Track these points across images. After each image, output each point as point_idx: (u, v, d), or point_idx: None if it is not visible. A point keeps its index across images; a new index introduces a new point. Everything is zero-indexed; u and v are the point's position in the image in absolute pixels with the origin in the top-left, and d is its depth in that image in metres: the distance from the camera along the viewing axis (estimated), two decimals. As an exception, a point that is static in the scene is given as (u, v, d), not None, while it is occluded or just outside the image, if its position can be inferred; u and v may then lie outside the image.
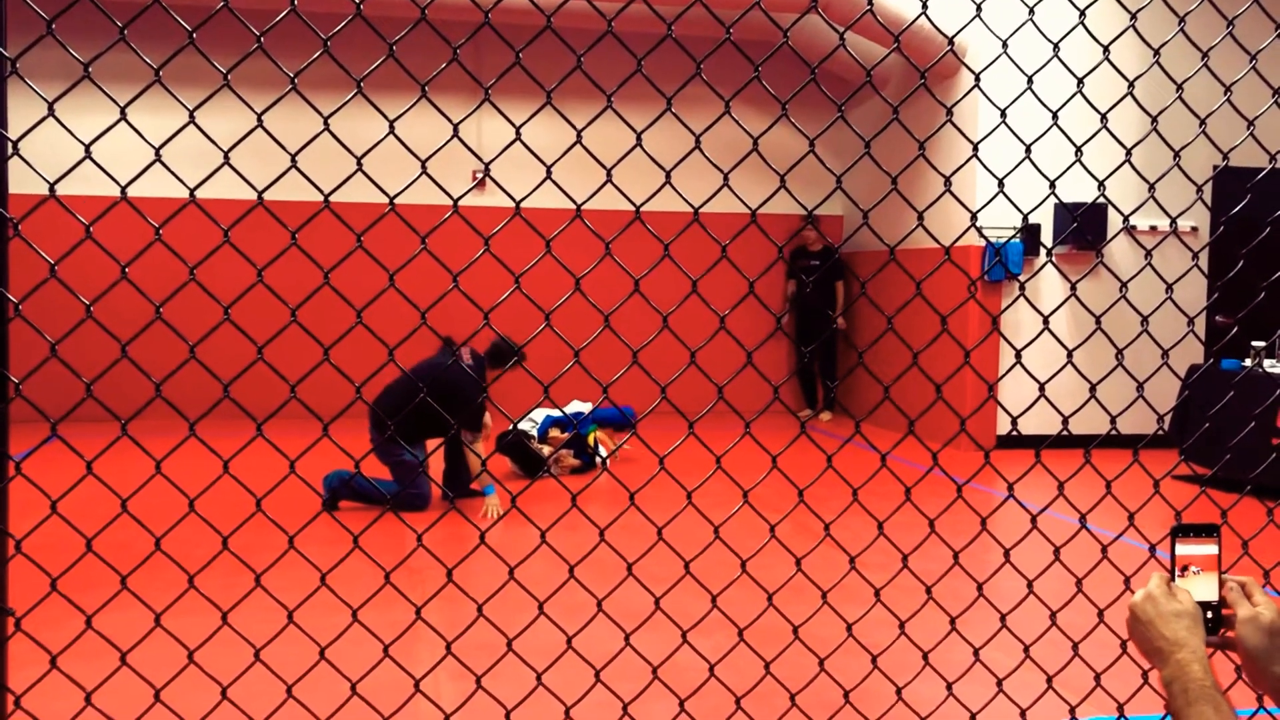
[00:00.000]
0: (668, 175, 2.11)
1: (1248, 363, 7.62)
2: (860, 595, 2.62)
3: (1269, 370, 7.47)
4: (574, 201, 2.13)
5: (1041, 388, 2.45)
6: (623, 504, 2.25)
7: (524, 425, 8.39)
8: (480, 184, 10.86)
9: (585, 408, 8.64)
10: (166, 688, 2.17)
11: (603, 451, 8.58)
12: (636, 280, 2.16)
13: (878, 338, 2.32)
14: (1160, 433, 2.45)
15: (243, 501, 2.19)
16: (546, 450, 8.20)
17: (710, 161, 2.02)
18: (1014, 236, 3.46)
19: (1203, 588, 1.66)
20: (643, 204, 2.15)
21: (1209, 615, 1.64)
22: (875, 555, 2.65)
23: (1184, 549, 1.68)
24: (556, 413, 8.34)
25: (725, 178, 2.16)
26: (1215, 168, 9.22)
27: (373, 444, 6.79)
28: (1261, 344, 7.71)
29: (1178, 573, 1.67)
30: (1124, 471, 2.59)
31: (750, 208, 2.22)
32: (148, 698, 2.13)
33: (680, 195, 2.29)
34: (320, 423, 2.12)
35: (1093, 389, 2.46)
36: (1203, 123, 2.36)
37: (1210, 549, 1.69)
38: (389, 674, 2.44)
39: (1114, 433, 2.44)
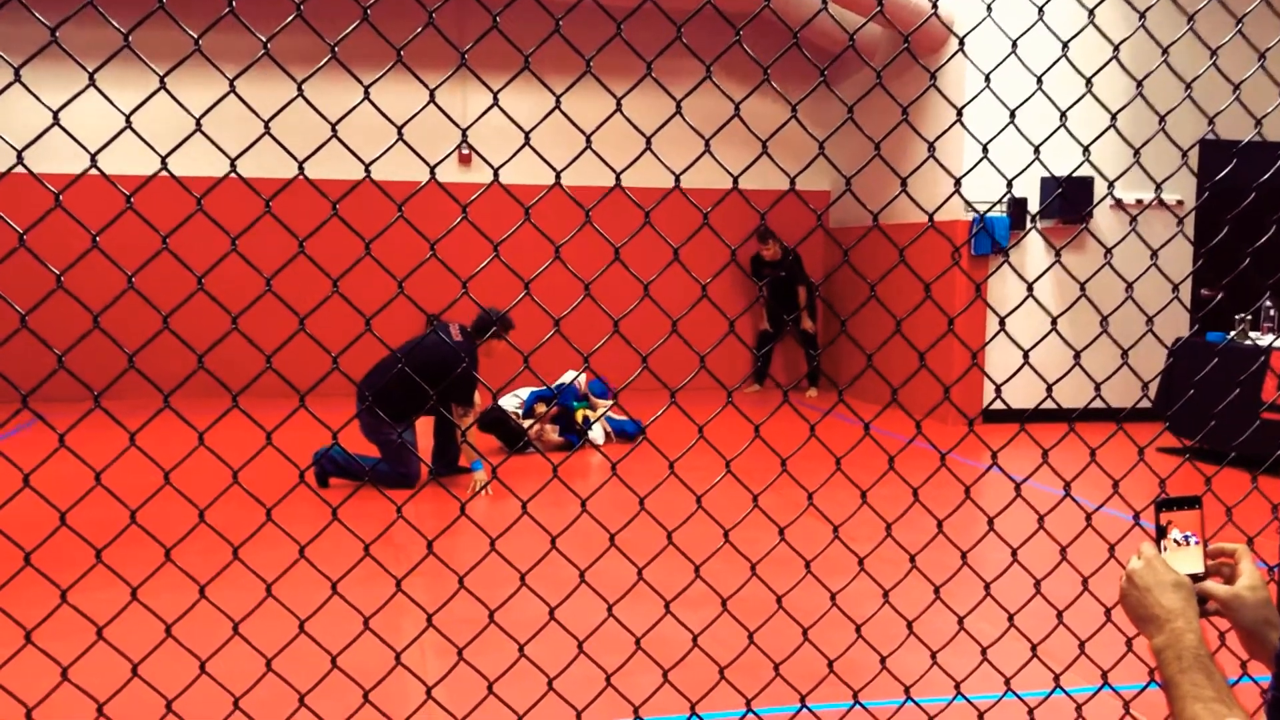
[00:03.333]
0: (648, 141, 2.08)
1: (1233, 335, 7.64)
2: (844, 566, 2.61)
3: (1253, 341, 7.49)
4: (553, 168, 2.10)
5: (1025, 356, 2.44)
6: (607, 476, 2.23)
7: (509, 402, 8.35)
8: (465, 158, 10.80)
9: (581, 379, 8.58)
10: (143, 662, 2.15)
11: (596, 430, 8.50)
12: (617, 249, 2.13)
13: (860, 306, 2.30)
14: (1145, 404, 2.45)
15: (221, 476, 2.16)
16: (530, 424, 8.16)
17: (692, 128, 1.99)
18: (996, 205, 3.44)
19: (1187, 560, 1.66)
20: (622, 170, 2.12)
21: None
22: (859, 526, 2.63)
23: (1168, 520, 1.68)
24: (543, 388, 8.31)
25: (706, 144, 2.14)
26: (1200, 141, 9.22)
27: (361, 423, 6.76)
28: (1245, 316, 7.73)
29: (1162, 545, 1.67)
30: (1106, 441, 2.58)
31: (732, 174, 2.20)
32: (125, 673, 2.11)
33: (662, 163, 2.26)
34: (297, 394, 2.09)
35: (1077, 356, 2.45)
36: (1188, 87, 2.34)
37: (1193, 521, 1.68)
38: (371, 648, 2.42)
39: (1099, 405, 2.43)
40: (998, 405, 9.29)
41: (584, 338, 4.34)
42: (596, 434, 8.63)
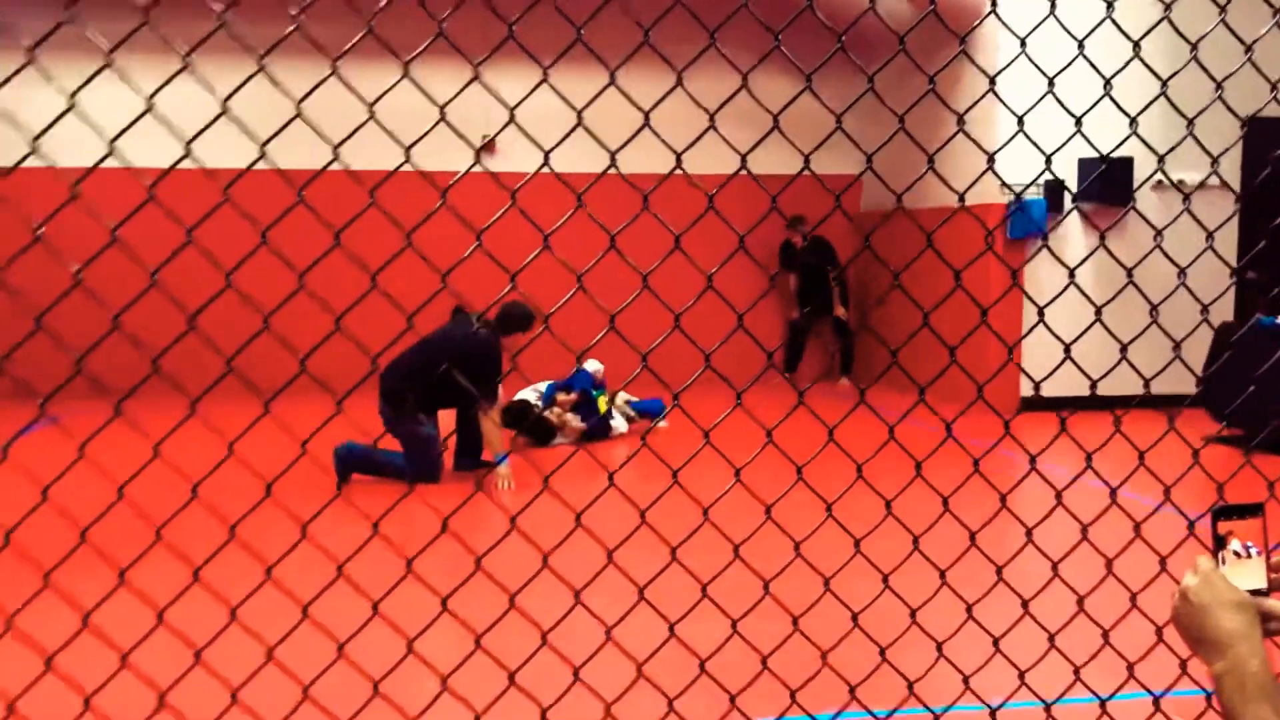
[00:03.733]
0: (646, 117, 1.88)
1: (1281, 320, 7.33)
2: (869, 577, 2.41)
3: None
4: (608, 150, 1.91)
5: (1067, 350, 2.23)
6: (634, 450, 2.09)
7: (529, 395, 8.19)
8: (489, 147, 10.63)
9: (597, 367, 8.40)
10: (134, 650, 2.00)
11: (617, 420, 8.35)
12: (612, 236, 1.94)
13: (887, 289, 2.10)
14: (1195, 394, 2.23)
15: (245, 480, 2.01)
16: (553, 414, 7.99)
17: (697, 103, 1.79)
18: (1032, 186, 3.19)
19: (1248, 574, 1.46)
20: (617, 150, 1.92)
21: None
22: (883, 540, 2.43)
23: (1227, 530, 1.48)
24: (562, 380, 8.15)
25: (711, 119, 1.94)
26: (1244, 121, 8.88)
27: (383, 417, 6.60)
28: (1295, 300, 7.42)
29: (1220, 557, 1.47)
30: (1159, 440, 2.36)
31: (740, 152, 2.00)
32: (114, 662, 1.98)
33: (667, 145, 2.07)
34: (332, 395, 1.92)
35: (1124, 350, 2.24)
36: (1249, 49, 2.11)
37: (1255, 531, 1.48)
38: (382, 636, 2.24)
39: (1146, 394, 2.23)
40: (1033, 394, 9.04)
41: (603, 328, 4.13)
42: (619, 424, 8.50)
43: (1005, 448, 2.15)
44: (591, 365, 8.43)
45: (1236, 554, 1.48)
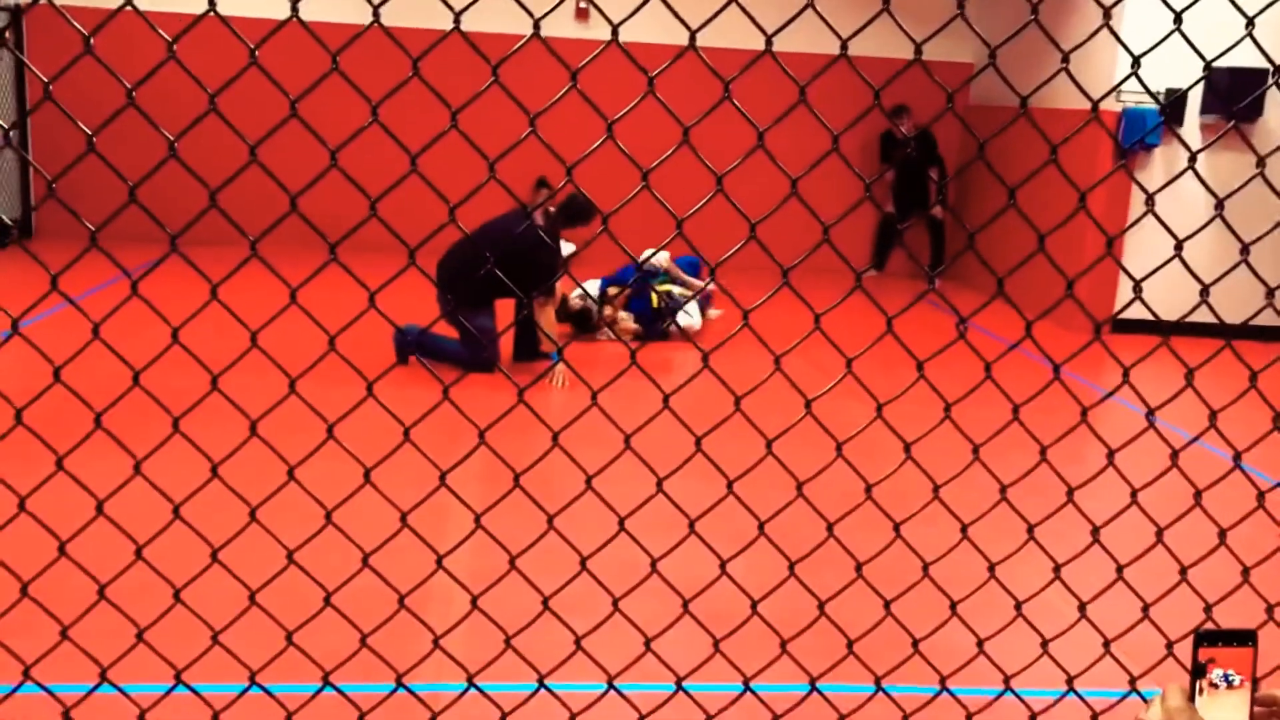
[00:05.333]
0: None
1: None
2: (913, 504, 2.25)
3: None
4: (687, 26, 1.73)
5: (1179, 245, 2.00)
6: (695, 370, 1.95)
7: (577, 293, 7.97)
8: (582, 13, 10.31)
9: (662, 257, 8.01)
10: (149, 545, 1.95)
11: (691, 311, 8.02)
12: (686, 129, 1.77)
13: (1000, 211, 1.90)
14: (1269, 303, 2.01)
15: (305, 337, 1.91)
16: (609, 311, 7.79)
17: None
18: (1156, 101, 2.93)
19: (1226, 709, 1.28)
20: (698, 29, 1.74)
21: None
22: (939, 455, 2.26)
23: (1209, 658, 1.31)
24: (615, 274, 7.93)
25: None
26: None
27: (440, 305, 6.54)
28: None
29: (1200, 686, 1.30)
30: (1268, 366, 2.15)
31: (841, 37, 1.80)
32: (128, 554, 1.93)
33: (757, 25, 1.87)
34: (407, 248, 1.80)
35: (1245, 248, 2.00)
36: None
37: (1242, 660, 1.31)
38: (411, 550, 2.17)
39: (1260, 321, 2.01)
40: (1133, 315, 8.66)
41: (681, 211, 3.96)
42: (690, 318, 8.04)
43: (1089, 374, 1.97)
44: (648, 254, 8.13)
45: (1215, 684, 1.30)
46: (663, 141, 3.85)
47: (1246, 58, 8.46)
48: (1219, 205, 1.99)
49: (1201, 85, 8.55)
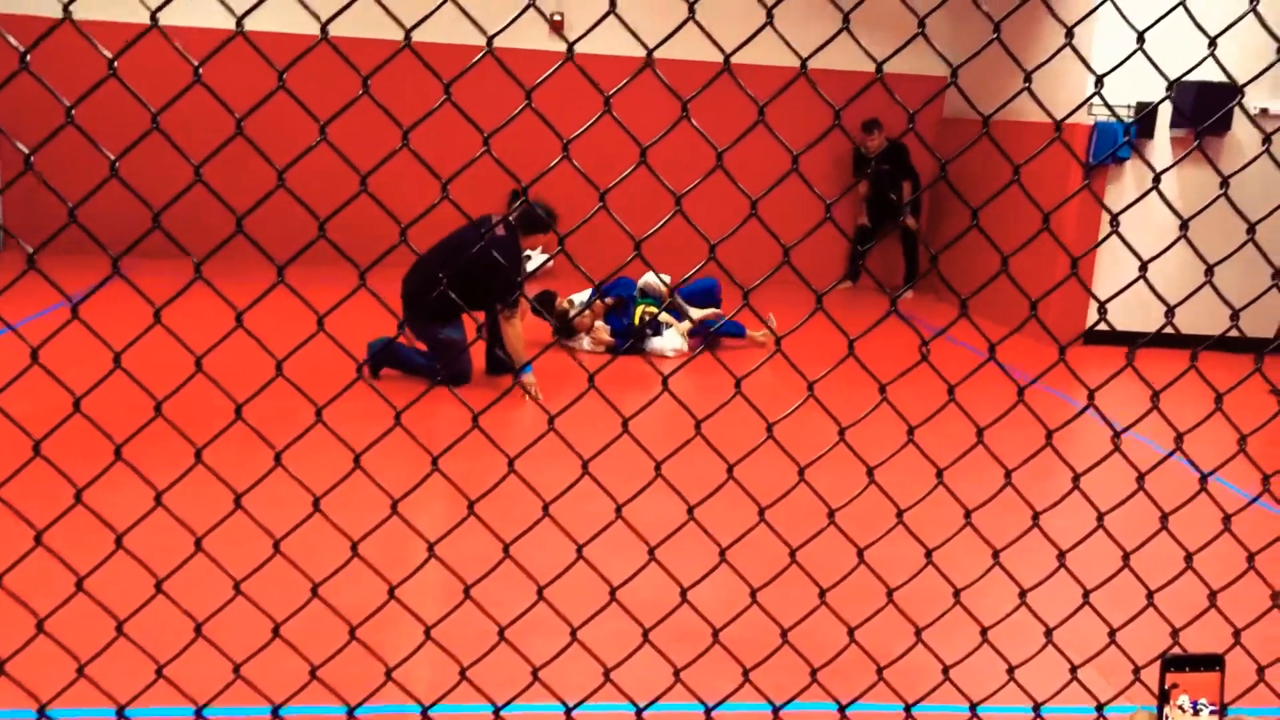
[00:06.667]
0: (691, 9, 1.66)
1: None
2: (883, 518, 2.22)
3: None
4: (644, 45, 1.70)
5: (1143, 266, 1.99)
6: (654, 394, 1.91)
7: (566, 302, 7.89)
8: (557, 25, 10.26)
9: (656, 280, 7.87)
10: (128, 532, 1.88)
11: (668, 337, 7.80)
12: (644, 149, 1.73)
13: (963, 231, 1.88)
14: (1233, 324, 1.99)
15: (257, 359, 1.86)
16: (587, 316, 7.73)
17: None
18: (1118, 113, 2.96)
19: None
20: (655, 47, 1.70)
21: None
22: (908, 473, 2.24)
23: (1174, 683, 1.29)
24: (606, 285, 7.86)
25: (769, 14, 1.71)
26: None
27: (406, 321, 6.46)
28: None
29: (1164, 713, 1.28)
30: (1233, 388, 2.13)
31: (801, 57, 1.77)
32: (108, 544, 1.87)
33: (714, 43, 1.84)
34: (357, 269, 1.75)
35: (1209, 269, 1.99)
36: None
37: (1209, 686, 1.29)
38: (364, 580, 2.12)
39: (1221, 333, 2.00)
40: (1103, 326, 8.68)
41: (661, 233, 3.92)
42: (666, 341, 7.72)
43: (1060, 386, 1.94)
44: (653, 279, 7.90)
45: (1183, 709, 1.28)
46: (626, 155, 3.81)
47: (1215, 72, 8.51)
48: (1183, 226, 1.98)
49: (1172, 99, 8.60)
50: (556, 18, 10.21)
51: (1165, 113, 8.65)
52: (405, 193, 3.70)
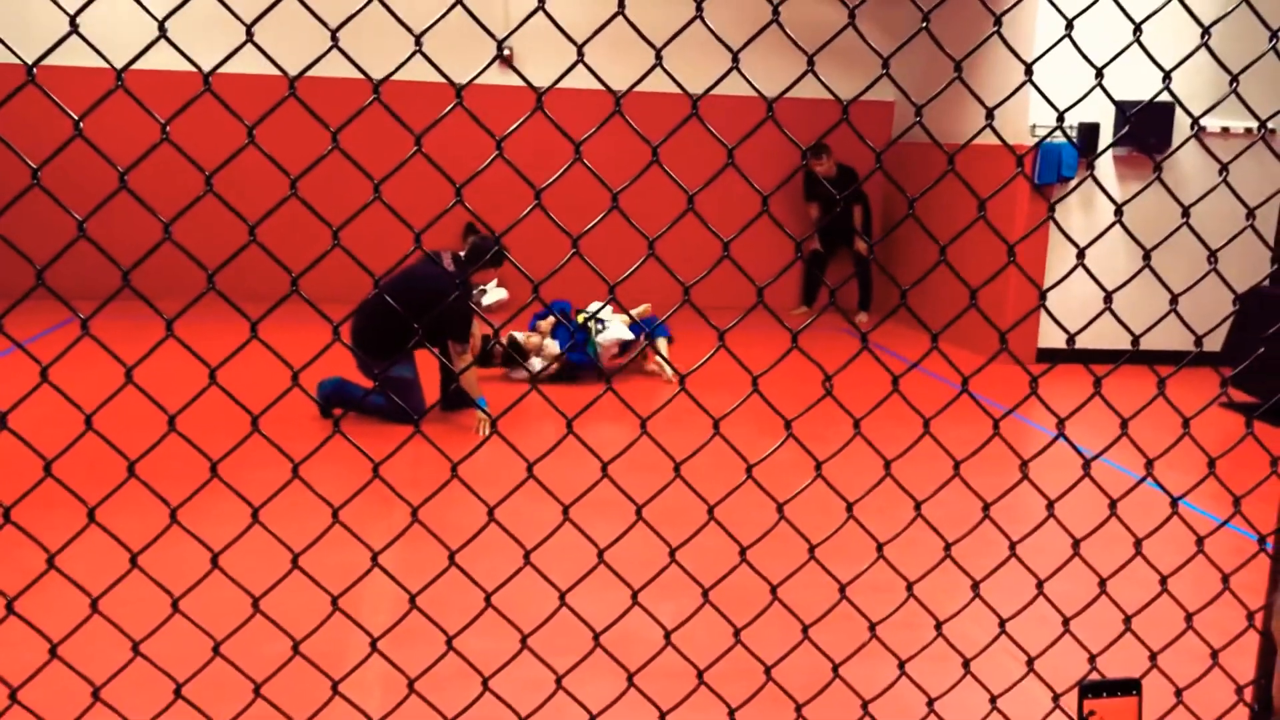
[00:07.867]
0: (658, 56, 1.68)
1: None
2: (860, 550, 2.24)
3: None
4: (609, 88, 1.71)
5: (1108, 297, 2.03)
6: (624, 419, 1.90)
7: (519, 335, 7.90)
8: (506, 61, 10.27)
9: (605, 312, 7.93)
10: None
11: (612, 329, 7.78)
12: (615, 194, 1.74)
13: (900, 221, 1.90)
14: (1198, 350, 2.04)
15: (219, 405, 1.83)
16: (534, 338, 7.74)
17: (717, 38, 1.59)
18: (1055, 130, 3.00)
19: None
20: (622, 96, 1.72)
21: None
22: (874, 502, 2.26)
23: (1091, 710, 1.29)
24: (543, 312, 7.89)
25: (735, 57, 1.73)
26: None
27: (357, 362, 6.40)
28: (1333, 263, 7.16)
29: None
30: (1152, 401, 2.17)
31: (767, 99, 1.79)
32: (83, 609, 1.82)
33: (674, 79, 1.86)
34: (330, 324, 1.74)
35: (1173, 301, 2.04)
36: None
37: (1127, 711, 1.30)
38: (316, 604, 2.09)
39: (1165, 347, 2.04)
40: (1052, 344, 8.81)
41: (616, 263, 3.94)
42: (612, 332, 7.69)
43: (1017, 403, 1.95)
44: (594, 307, 7.95)
45: None
46: (589, 185, 3.82)
47: (1152, 89, 8.68)
48: (1146, 256, 2.02)
49: (1113, 118, 8.78)
50: (507, 51, 10.24)
51: (1107, 132, 8.82)
52: (361, 231, 3.69)
